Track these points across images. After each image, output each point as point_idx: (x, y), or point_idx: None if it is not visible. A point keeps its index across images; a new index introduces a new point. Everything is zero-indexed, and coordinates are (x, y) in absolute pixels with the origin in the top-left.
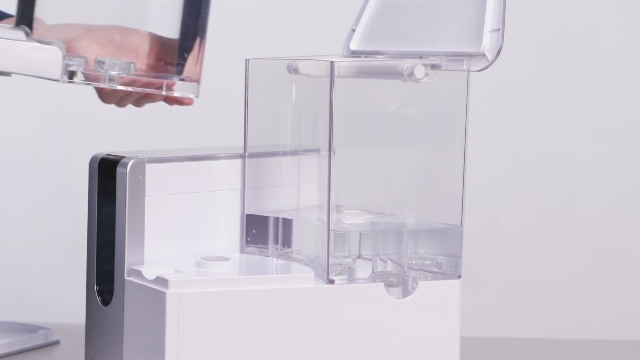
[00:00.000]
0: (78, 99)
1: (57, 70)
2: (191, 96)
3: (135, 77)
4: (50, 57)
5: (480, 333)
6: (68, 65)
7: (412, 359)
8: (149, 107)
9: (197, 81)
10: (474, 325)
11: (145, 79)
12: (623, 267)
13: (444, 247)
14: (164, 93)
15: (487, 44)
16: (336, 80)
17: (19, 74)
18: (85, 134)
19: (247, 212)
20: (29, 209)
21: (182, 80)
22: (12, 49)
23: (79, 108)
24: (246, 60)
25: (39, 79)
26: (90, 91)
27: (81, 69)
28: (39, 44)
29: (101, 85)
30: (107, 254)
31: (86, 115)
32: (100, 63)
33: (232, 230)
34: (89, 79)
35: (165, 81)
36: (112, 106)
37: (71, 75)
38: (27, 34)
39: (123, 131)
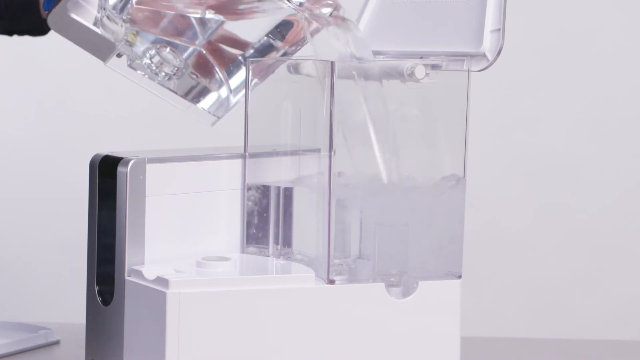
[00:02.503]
0: (78, 99)
1: (105, 56)
2: (206, 123)
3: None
4: (103, 44)
5: (481, 333)
6: (119, 54)
7: (412, 359)
8: (148, 107)
9: (219, 117)
10: (474, 325)
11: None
12: (623, 267)
13: (444, 247)
14: (183, 109)
15: (488, 44)
16: (336, 81)
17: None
18: (85, 133)
19: (247, 182)
20: (29, 208)
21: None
22: (75, 26)
23: (79, 108)
24: (246, 60)
25: (40, 72)
26: (90, 91)
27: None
28: (98, 30)
29: (134, 81)
30: (107, 254)
31: (86, 115)
32: (150, 55)
33: (232, 230)
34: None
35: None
36: (113, 106)
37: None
38: (101, 8)
39: (123, 131)
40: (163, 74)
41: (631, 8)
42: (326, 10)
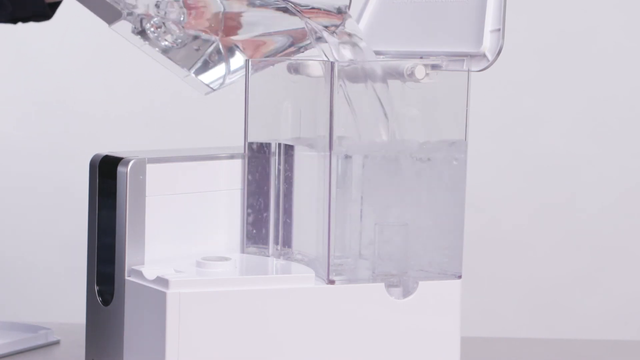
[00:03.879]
0: (78, 99)
1: (111, 22)
2: (200, 92)
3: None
4: (110, 10)
5: (480, 333)
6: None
7: (412, 359)
8: (148, 107)
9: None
10: (474, 325)
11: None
12: (623, 267)
13: (444, 247)
14: (180, 77)
15: (488, 44)
16: (336, 81)
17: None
18: (85, 133)
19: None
20: (29, 208)
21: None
22: None
23: (79, 108)
24: (246, 60)
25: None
26: (90, 91)
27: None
28: None
29: (136, 46)
30: (107, 254)
31: (86, 115)
32: (156, 23)
33: (232, 230)
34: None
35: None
36: (113, 106)
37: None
38: None
39: (123, 131)
40: (165, 42)
41: (631, 8)
42: (333, 22)
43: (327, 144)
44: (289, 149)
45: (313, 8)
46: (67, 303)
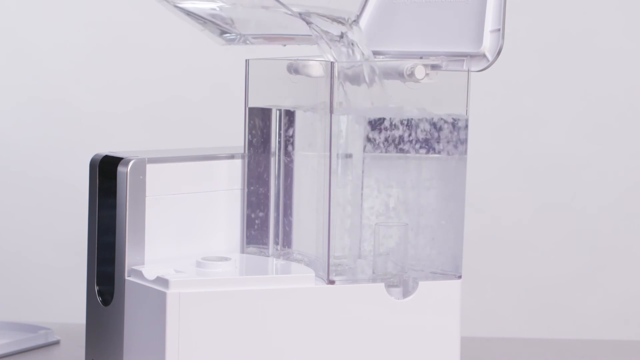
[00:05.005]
0: (78, 99)
1: None
2: (216, 43)
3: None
4: None
5: (480, 333)
6: None
7: (412, 359)
8: (148, 106)
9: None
10: (474, 325)
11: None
12: (623, 267)
13: (444, 247)
14: (197, 29)
15: (488, 44)
16: (336, 81)
17: None
18: (85, 133)
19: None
20: (29, 208)
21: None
22: None
23: (80, 107)
24: (246, 60)
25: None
26: (89, 90)
27: None
28: None
29: None
30: (107, 254)
31: (86, 115)
32: None
33: (232, 230)
34: None
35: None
36: (112, 105)
37: None
38: None
39: (123, 131)
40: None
41: (631, 8)
42: (337, 29)
43: (327, 141)
44: (289, 114)
45: (320, 16)
46: (67, 303)
